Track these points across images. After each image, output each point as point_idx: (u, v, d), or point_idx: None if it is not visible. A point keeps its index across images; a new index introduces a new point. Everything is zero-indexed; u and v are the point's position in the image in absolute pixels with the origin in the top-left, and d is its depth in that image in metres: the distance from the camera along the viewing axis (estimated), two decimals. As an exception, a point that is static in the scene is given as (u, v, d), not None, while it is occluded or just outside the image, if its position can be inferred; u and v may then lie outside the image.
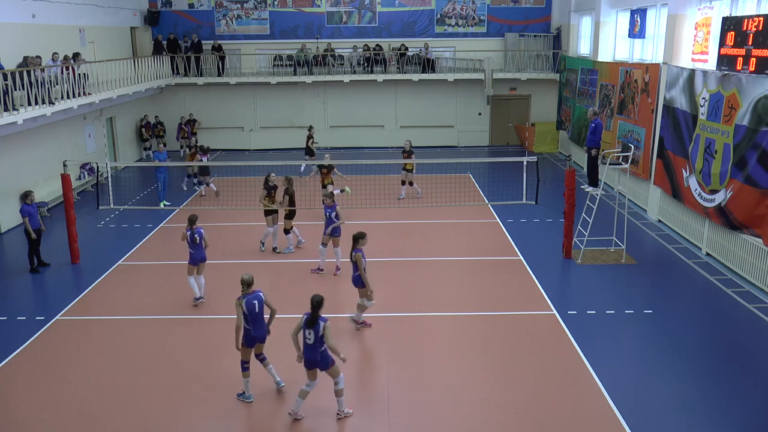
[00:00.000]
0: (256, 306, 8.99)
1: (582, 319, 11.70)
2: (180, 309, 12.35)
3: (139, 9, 27.56)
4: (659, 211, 17.16)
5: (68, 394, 9.54)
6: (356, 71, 27.48)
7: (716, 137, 13.77)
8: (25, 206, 14.21)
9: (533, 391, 9.45)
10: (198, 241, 12.18)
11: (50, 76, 17.78)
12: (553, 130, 27.19)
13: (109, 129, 24.09)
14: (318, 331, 8.41)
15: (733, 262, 13.60)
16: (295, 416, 8.80)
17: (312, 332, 8.44)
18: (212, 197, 19.94)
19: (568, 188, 14.45)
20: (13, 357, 10.62)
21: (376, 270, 12.69)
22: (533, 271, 14.00)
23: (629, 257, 14.56)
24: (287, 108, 28.48)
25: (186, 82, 27.19)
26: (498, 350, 10.69)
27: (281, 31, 28.22)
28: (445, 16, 28.25)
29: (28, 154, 18.42)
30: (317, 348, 8.48)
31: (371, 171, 19.79)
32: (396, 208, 17.75)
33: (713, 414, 8.89)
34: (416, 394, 9.40)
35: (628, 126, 18.86)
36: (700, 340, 10.95)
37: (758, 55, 12.24)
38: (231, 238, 16.35)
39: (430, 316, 11.89)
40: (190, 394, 9.48)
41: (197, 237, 12.17)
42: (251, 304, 8.95)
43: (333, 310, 12.22)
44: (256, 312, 9.00)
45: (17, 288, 13.73)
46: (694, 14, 15.88)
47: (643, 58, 19.73)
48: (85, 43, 22.67)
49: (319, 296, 8.55)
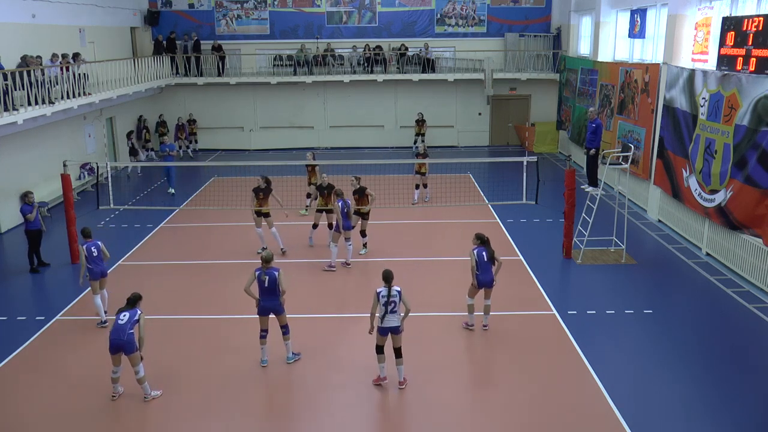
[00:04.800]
0: (266, 281, 9.72)
1: (582, 319, 11.70)
2: (180, 309, 12.34)
3: (139, 9, 27.55)
4: (659, 211, 17.16)
5: (68, 394, 9.53)
6: (356, 71, 27.47)
7: (716, 137, 13.77)
8: (25, 206, 14.22)
9: (533, 391, 9.44)
10: (96, 254, 11.48)
11: (50, 76, 17.77)
12: (553, 130, 27.18)
13: (109, 129, 24.08)
14: (134, 315, 9.13)
15: (733, 262, 13.60)
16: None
17: (127, 314, 9.15)
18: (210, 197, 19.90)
19: (568, 188, 14.45)
20: (13, 357, 10.62)
21: (376, 270, 12.68)
22: (533, 271, 14.00)
23: (629, 257, 14.56)
24: (287, 108, 28.48)
25: (186, 82, 27.18)
26: (498, 350, 10.69)
27: (281, 31, 28.21)
28: (445, 16, 28.24)
29: (28, 154, 18.42)
30: (126, 329, 9.08)
31: (371, 171, 19.77)
32: (396, 208, 17.74)
33: (713, 414, 8.90)
34: (416, 394, 9.40)
35: (628, 126, 18.86)
36: (700, 340, 10.95)
37: (758, 55, 12.24)
38: (231, 238, 16.36)
39: (429, 316, 11.89)
40: (191, 394, 9.48)
41: (95, 250, 11.48)
42: (261, 278, 9.76)
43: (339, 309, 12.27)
44: (265, 286, 9.74)
45: (17, 288, 13.73)
46: (694, 14, 15.88)
47: (643, 58, 19.73)
48: (85, 43, 22.66)
49: (137, 294, 9.38)
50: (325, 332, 11.37)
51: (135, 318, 9.11)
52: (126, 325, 9.03)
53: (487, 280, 10.76)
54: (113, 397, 9.34)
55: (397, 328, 9.31)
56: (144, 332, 9.20)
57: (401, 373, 9.48)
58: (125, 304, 9.26)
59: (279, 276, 9.80)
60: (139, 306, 9.29)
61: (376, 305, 9.24)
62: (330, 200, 14.63)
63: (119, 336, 8.99)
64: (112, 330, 9.09)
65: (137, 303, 9.29)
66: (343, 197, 13.95)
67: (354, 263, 14.30)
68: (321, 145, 28.67)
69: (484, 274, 10.69)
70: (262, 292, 9.83)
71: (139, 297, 9.37)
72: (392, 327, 9.29)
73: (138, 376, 9.20)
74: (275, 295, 9.84)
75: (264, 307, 9.90)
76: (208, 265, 14.64)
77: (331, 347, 10.79)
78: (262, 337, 10.08)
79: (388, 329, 9.28)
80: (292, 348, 10.27)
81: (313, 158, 17.70)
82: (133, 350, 9.06)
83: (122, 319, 9.09)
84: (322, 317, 11.96)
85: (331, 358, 10.43)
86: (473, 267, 10.75)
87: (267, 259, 9.84)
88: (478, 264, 10.66)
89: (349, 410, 9.12)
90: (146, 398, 9.28)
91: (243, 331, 11.21)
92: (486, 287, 10.82)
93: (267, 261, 9.82)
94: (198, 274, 14.10)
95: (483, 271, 10.68)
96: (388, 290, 9.21)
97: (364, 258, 14.77)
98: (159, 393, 9.40)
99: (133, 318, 9.10)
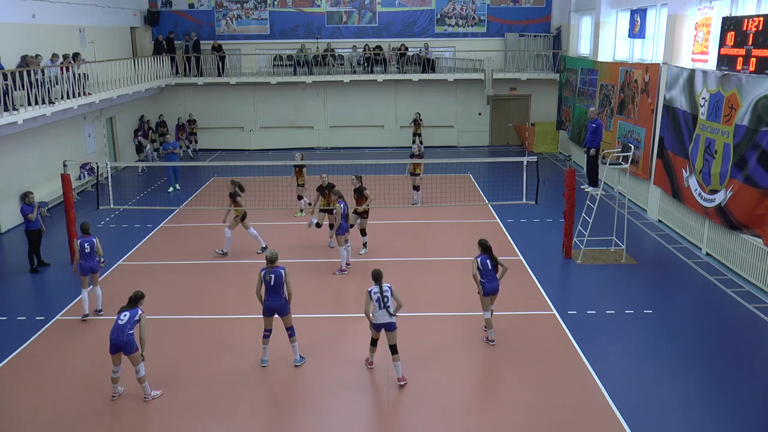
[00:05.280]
0: (272, 280, 9.77)
1: (582, 319, 11.70)
2: (180, 309, 12.34)
3: (139, 9, 27.56)
4: (659, 211, 17.16)
5: (68, 394, 9.53)
6: (356, 71, 27.48)
7: (716, 137, 13.77)
8: (25, 206, 14.23)
9: (533, 392, 9.44)
10: (89, 250, 11.61)
11: (50, 76, 17.77)
12: (553, 130, 27.18)
13: (109, 129, 24.08)
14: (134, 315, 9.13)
15: (733, 262, 13.60)
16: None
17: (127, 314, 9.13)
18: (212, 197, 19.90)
19: (568, 188, 14.45)
20: (13, 357, 10.62)
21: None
22: (533, 271, 14.00)
23: (629, 257, 14.56)
24: (287, 108, 28.48)
25: (186, 82, 27.18)
26: (498, 350, 10.69)
27: (281, 31, 28.22)
28: (445, 16, 28.25)
29: (28, 154, 18.42)
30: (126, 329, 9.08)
31: (371, 171, 19.77)
32: (396, 209, 17.74)
33: (713, 413, 8.89)
34: (416, 394, 9.40)
35: (628, 126, 18.86)
36: (700, 340, 10.95)
37: (758, 55, 12.24)
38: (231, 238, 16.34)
39: (429, 316, 11.89)
40: (191, 394, 9.49)
41: (87, 247, 11.60)
42: (268, 277, 9.80)
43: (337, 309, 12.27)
44: (271, 285, 9.79)
45: (17, 288, 13.73)
46: (694, 14, 15.88)
47: (643, 58, 19.73)
48: (85, 43, 22.66)
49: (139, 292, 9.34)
50: (325, 332, 11.36)
51: (135, 318, 9.09)
52: (126, 325, 9.02)
53: (493, 288, 10.68)
54: (113, 397, 9.34)
55: (392, 324, 9.46)
56: (145, 333, 9.18)
57: (399, 370, 9.58)
58: (127, 303, 9.25)
59: (285, 275, 9.80)
60: (140, 305, 9.28)
61: (369, 303, 9.44)
62: (331, 200, 14.63)
63: (119, 336, 8.99)
64: (112, 330, 9.08)
65: (139, 302, 9.27)
66: (344, 198, 13.96)
67: (354, 263, 14.29)
68: (321, 145, 28.69)
69: (490, 282, 10.61)
70: (267, 291, 9.84)
71: (141, 296, 9.34)
72: (386, 323, 9.45)
73: (138, 376, 9.20)
74: (279, 295, 9.83)
75: (269, 306, 9.87)
76: (208, 265, 14.65)
77: (332, 347, 10.79)
78: (265, 337, 10.09)
79: (382, 325, 9.49)
80: (299, 351, 10.23)
81: (301, 159, 17.80)
82: (132, 350, 9.05)
83: (122, 319, 9.08)
84: (322, 317, 11.96)
85: (332, 358, 10.43)
86: (475, 275, 10.63)
87: (272, 259, 9.83)
88: (482, 272, 10.59)
89: (349, 410, 9.12)
90: (146, 398, 9.27)
91: (243, 331, 11.22)
92: (492, 295, 10.76)
93: (272, 261, 9.82)
94: (198, 274, 14.10)
95: (488, 279, 10.59)
96: (380, 287, 9.41)
97: (365, 258, 14.77)
98: (159, 393, 9.40)
99: (133, 318, 9.09)
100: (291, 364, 10.18)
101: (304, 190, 17.95)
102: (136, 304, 9.22)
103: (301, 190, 17.93)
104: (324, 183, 15.05)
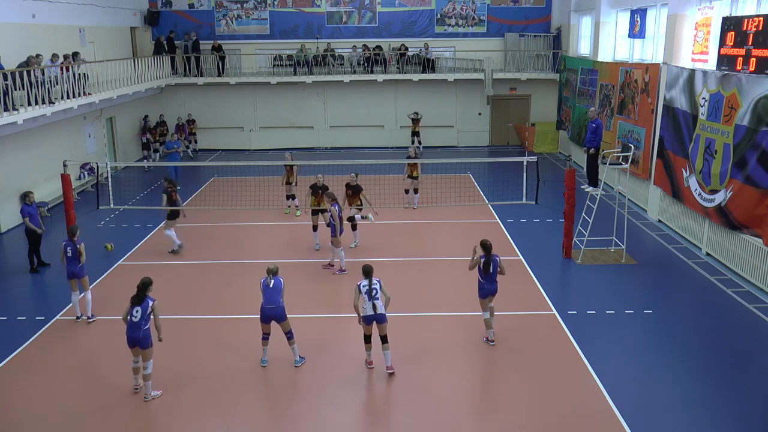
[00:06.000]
0: (272, 284, 9.87)
1: (582, 319, 11.70)
2: (180, 309, 12.33)
3: (139, 9, 27.56)
4: (659, 211, 17.16)
5: (68, 394, 9.53)
6: (356, 71, 27.48)
7: (716, 137, 13.77)
8: (25, 206, 14.22)
9: (533, 392, 9.45)
10: (71, 255, 11.53)
11: (50, 76, 17.77)
12: (553, 130, 27.18)
13: (109, 129, 24.09)
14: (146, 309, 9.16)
15: (733, 262, 13.60)
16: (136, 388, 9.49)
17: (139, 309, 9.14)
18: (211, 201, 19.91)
19: (568, 188, 14.45)
20: (13, 357, 10.62)
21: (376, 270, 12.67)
22: (533, 271, 14.00)
23: (629, 257, 14.56)
24: (287, 108, 28.48)
25: (186, 82, 27.18)
26: (497, 350, 10.68)
27: (281, 31, 28.22)
28: (445, 16, 28.25)
29: (28, 154, 18.42)
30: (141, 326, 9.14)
31: (371, 171, 19.76)
32: (395, 209, 17.74)
33: (713, 413, 8.89)
34: (416, 394, 9.40)
35: (628, 126, 18.86)
36: (700, 340, 10.95)
37: (758, 55, 12.24)
38: (231, 237, 16.36)
39: (429, 316, 11.89)
40: (191, 394, 9.49)
41: (69, 251, 11.54)
42: (265, 283, 9.87)
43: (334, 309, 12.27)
44: (269, 290, 9.86)
45: (17, 288, 13.73)
46: (694, 14, 15.88)
47: (643, 58, 19.73)
48: (85, 43, 22.66)
49: (147, 278, 9.30)
50: (325, 332, 11.36)
51: (148, 312, 9.18)
52: (140, 321, 9.12)
53: (491, 289, 10.65)
54: (135, 389, 9.43)
55: (382, 316, 9.68)
56: (159, 321, 9.29)
57: (388, 358, 9.84)
58: (136, 293, 9.22)
59: (282, 285, 9.92)
60: (149, 292, 9.27)
61: (357, 297, 9.67)
62: (322, 200, 14.64)
63: (135, 333, 9.12)
64: (128, 327, 9.16)
65: (147, 289, 9.25)
66: (337, 201, 13.90)
67: (350, 264, 14.28)
68: (321, 145, 28.69)
69: (489, 284, 10.60)
70: (263, 297, 9.89)
71: (149, 282, 9.32)
72: (376, 315, 9.64)
73: (146, 372, 9.26)
74: (277, 302, 9.86)
75: (265, 315, 9.88)
76: (208, 265, 14.65)
77: (332, 347, 10.79)
78: (264, 339, 10.15)
79: (372, 317, 9.66)
80: (298, 351, 10.25)
81: (291, 159, 17.89)
82: (147, 345, 9.19)
83: (135, 316, 9.14)
84: (322, 317, 11.96)
85: (332, 358, 10.43)
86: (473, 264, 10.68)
87: (274, 271, 9.95)
88: (481, 273, 10.56)
89: (349, 410, 9.12)
90: (146, 398, 9.28)
91: (243, 331, 11.22)
92: (490, 296, 10.76)
93: (274, 273, 9.94)
94: (198, 274, 14.11)
95: (487, 281, 10.59)
96: (369, 281, 9.64)
97: (364, 258, 14.74)
98: (159, 393, 9.40)
99: (145, 312, 9.16)
100: (291, 364, 10.18)
101: (295, 188, 17.98)
102: (145, 293, 9.21)
103: (292, 189, 17.95)
104: (319, 183, 15.02)
